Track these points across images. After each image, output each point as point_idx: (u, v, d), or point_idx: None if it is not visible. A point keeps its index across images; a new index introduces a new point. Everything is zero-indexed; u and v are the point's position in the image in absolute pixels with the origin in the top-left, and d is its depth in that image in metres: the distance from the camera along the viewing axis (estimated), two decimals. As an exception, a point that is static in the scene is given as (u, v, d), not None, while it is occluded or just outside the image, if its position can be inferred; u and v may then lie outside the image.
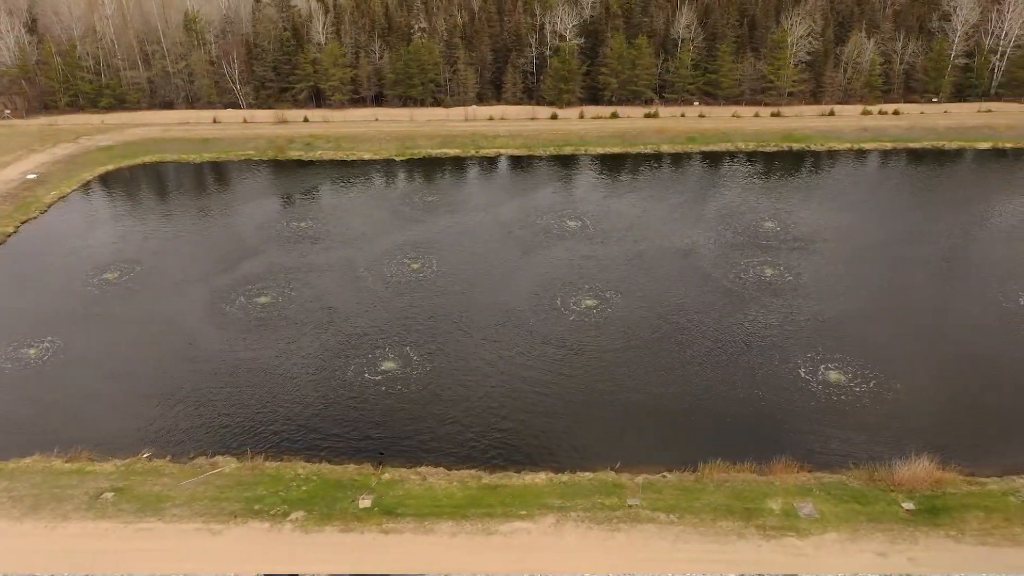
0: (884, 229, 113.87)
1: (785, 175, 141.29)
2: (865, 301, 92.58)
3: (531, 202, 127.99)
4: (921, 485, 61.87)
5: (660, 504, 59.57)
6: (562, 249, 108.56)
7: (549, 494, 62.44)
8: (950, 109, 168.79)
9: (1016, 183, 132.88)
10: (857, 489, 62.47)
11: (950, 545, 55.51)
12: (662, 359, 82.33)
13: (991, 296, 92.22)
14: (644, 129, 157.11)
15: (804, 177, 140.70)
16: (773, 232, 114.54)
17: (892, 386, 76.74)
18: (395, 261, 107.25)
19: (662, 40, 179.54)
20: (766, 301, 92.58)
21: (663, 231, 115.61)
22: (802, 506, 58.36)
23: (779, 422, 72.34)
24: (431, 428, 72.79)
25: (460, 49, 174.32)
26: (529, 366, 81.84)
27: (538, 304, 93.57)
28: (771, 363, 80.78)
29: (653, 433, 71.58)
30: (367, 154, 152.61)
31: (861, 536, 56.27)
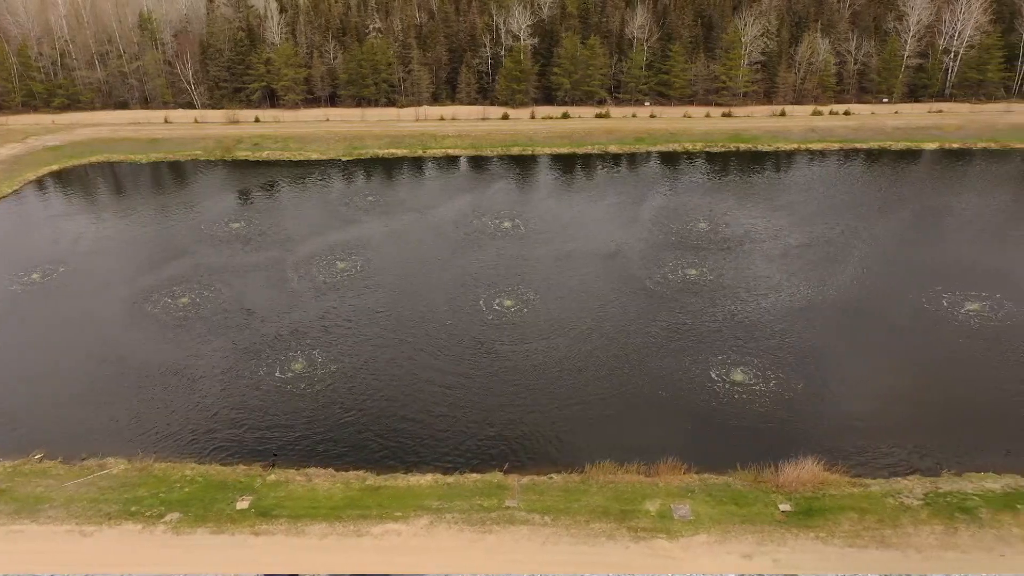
0: (816, 229, 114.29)
1: (727, 176, 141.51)
2: (784, 301, 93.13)
3: (470, 202, 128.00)
4: (805, 487, 61.31)
5: (538, 506, 59.21)
6: (492, 249, 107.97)
7: (430, 496, 61.80)
8: (901, 109, 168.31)
9: (954, 184, 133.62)
10: (739, 491, 61.89)
11: (817, 547, 55.39)
12: (570, 360, 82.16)
13: (913, 297, 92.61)
14: (594, 129, 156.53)
15: (746, 177, 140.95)
16: (705, 233, 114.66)
17: (793, 386, 75.99)
18: (323, 262, 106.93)
19: (617, 40, 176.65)
20: (685, 302, 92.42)
21: (596, 232, 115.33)
22: (678, 508, 58.12)
23: (677, 423, 72.38)
24: (329, 428, 72.66)
25: (414, 49, 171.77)
26: (437, 366, 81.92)
27: (458, 304, 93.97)
28: (680, 364, 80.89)
29: (551, 434, 71.64)
30: (314, 154, 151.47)
31: (731, 538, 55.91)
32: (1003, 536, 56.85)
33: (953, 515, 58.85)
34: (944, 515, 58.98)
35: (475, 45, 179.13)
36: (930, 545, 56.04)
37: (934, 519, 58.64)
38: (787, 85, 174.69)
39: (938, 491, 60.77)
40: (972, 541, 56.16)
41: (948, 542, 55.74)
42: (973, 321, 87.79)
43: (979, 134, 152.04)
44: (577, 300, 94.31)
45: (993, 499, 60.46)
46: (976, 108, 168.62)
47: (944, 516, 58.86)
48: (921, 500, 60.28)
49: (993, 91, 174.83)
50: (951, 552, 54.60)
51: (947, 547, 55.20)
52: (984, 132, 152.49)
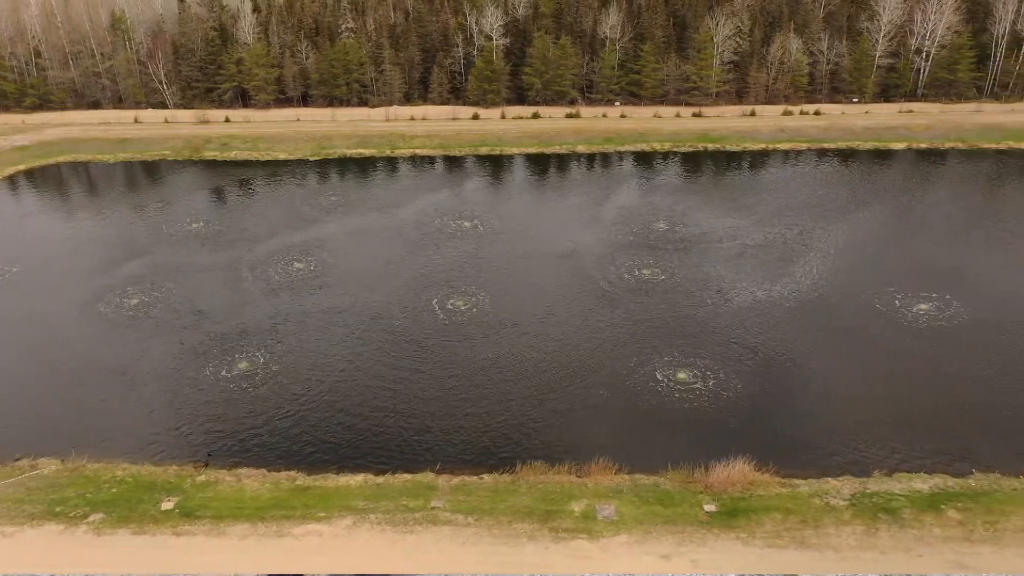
0: (774, 230, 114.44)
1: (692, 176, 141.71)
2: (735, 302, 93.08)
3: (433, 202, 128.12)
4: (734, 487, 61.44)
5: (464, 506, 59.27)
6: (449, 249, 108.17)
7: (358, 496, 61.86)
8: (872, 109, 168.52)
9: (917, 184, 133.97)
10: (668, 491, 62.07)
11: (737, 547, 55.39)
12: (515, 360, 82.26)
13: (866, 298, 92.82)
14: (563, 129, 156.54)
15: (710, 178, 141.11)
16: (663, 232, 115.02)
17: (733, 386, 75.98)
18: (280, 262, 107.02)
19: (590, 40, 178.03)
20: (636, 302, 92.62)
21: (555, 231, 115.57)
22: (603, 508, 58.06)
23: (615, 423, 72.43)
24: (267, 429, 72.82)
25: (386, 49, 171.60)
26: (382, 367, 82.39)
27: (410, 304, 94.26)
28: (626, 364, 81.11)
29: (488, 434, 71.65)
30: (282, 154, 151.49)
31: (651, 539, 55.94)
32: (923, 537, 56.83)
33: (876, 516, 58.75)
34: (867, 516, 58.95)
35: (448, 45, 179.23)
36: (849, 546, 55.95)
37: (856, 520, 58.54)
38: (759, 85, 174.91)
39: (865, 492, 60.58)
40: (891, 542, 55.98)
41: (867, 543, 55.76)
42: (921, 321, 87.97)
43: (947, 134, 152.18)
44: (528, 300, 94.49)
45: (919, 500, 60.50)
46: (947, 108, 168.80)
47: (867, 517, 58.78)
48: (847, 501, 59.98)
49: (964, 91, 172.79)
50: (869, 552, 54.60)
51: (866, 548, 55.21)
52: (952, 132, 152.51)
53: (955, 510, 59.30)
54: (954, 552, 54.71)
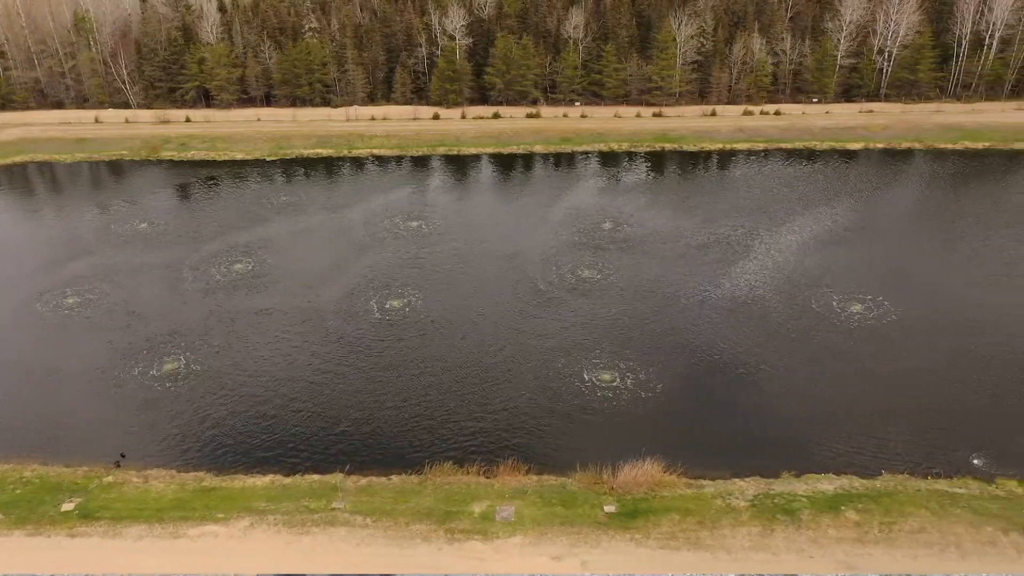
0: (720, 230, 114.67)
1: (646, 176, 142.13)
2: (671, 302, 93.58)
3: (384, 203, 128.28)
4: (640, 488, 61.68)
5: (365, 507, 59.24)
6: (393, 250, 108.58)
7: (261, 497, 61.94)
8: (833, 110, 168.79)
9: (867, 185, 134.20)
10: (572, 492, 62.16)
11: (630, 548, 55.50)
12: (442, 361, 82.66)
13: (802, 299, 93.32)
14: (522, 129, 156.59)
15: (663, 178, 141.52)
16: (609, 233, 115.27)
17: (654, 387, 76.01)
18: (222, 262, 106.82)
19: (554, 40, 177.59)
20: (573, 302, 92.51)
21: (501, 232, 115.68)
22: (503, 509, 58.17)
23: (535, 424, 72.81)
24: (184, 429, 72.87)
25: (349, 49, 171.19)
26: (308, 367, 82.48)
27: (346, 305, 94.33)
28: (554, 365, 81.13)
29: (406, 434, 71.95)
30: (240, 154, 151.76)
31: (546, 540, 56.07)
32: (817, 538, 57.01)
33: (775, 517, 58.81)
34: (765, 517, 58.99)
35: (411, 45, 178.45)
36: (742, 547, 56.03)
37: (754, 520, 58.53)
38: (721, 85, 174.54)
39: (769, 492, 60.66)
40: (785, 543, 56.24)
41: (761, 543, 55.87)
42: (853, 321, 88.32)
43: (905, 134, 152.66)
44: (464, 300, 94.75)
45: (821, 501, 60.59)
46: (907, 108, 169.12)
47: (765, 518, 58.84)
48: (749, 502, 60.22)
49: (926, 91, 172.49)
50: (762, 554, 54.70)
51: (759, 549, 55.31)
52: (910, 132, 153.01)
53: (854, 511, 59.30)
54: (845, 553, 54.91)
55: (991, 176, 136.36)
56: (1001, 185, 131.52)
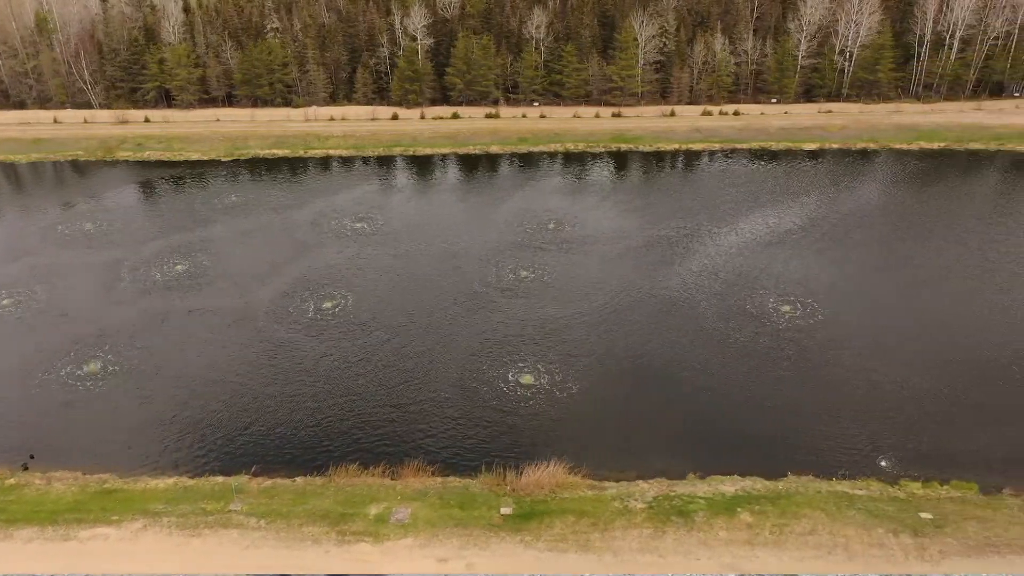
0: (663, 230, 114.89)
1: (598, 176, 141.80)
2: (605, 303, 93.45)
3: (332, 203, 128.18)
4: (542, 489, 61.65)
5: (262, 509, 59.07)
6: (335, 250, 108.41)
7: (160, 499, 61.94)
8: (792, 110, 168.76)
9: (816, 186, 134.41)
10: (473, 494, 62.35)
11: (518, 550, 55.49)
12: (366, 363, 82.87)
13: (736, 300, 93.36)
14: (479, 130, 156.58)
15: (616, 178, 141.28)
16: (553, 233, 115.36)
17: (571, 389, 76.08)
18: (163, 263, 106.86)
19: (517, 40, 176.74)
20: (505, 304, 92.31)
21: (444, 232, 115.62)
22: (399, 511, 58.23)
23: (450, 424, 73.29)
24: (97, 430, 72.85)
25: (310, 49, 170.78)
26: (230, 369, 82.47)
27: (280, 306, 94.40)
28: (479, 367, 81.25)
29: (321, 435, 72.15)
30: (195, 155, 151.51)
31: (436, 542, 56.25)
32: (707, 540, 57.11)
33: (669, 519, 58.92)
34: (660, 519, 59.11)
35: (373, 45, 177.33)
36: (631, 549, 56.03)
37: (648, 522, 58.67)
38: (682, 85, 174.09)
39: (669, 494, 60.77)
40: (674, 545, 56.32)
41: (650, 545, 55.90)
42: (781, 322, 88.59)
43: (861, 135, 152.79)
44: (397, 302, 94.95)
45: (719, 503, 60.76)
46: (866, 108, 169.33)
47: (659, 520, 58.99)
48: (647, 504, 60.41)
49: (887, 92, 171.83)
50: (648, 556, 54.80)
51: (647, 551, 55.32)
52: (866, 133, 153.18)
53: (750, 513, 59.33)
54: (732, 555, 54.81)
55: (941, 177, 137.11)
56: (948, 187, 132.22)
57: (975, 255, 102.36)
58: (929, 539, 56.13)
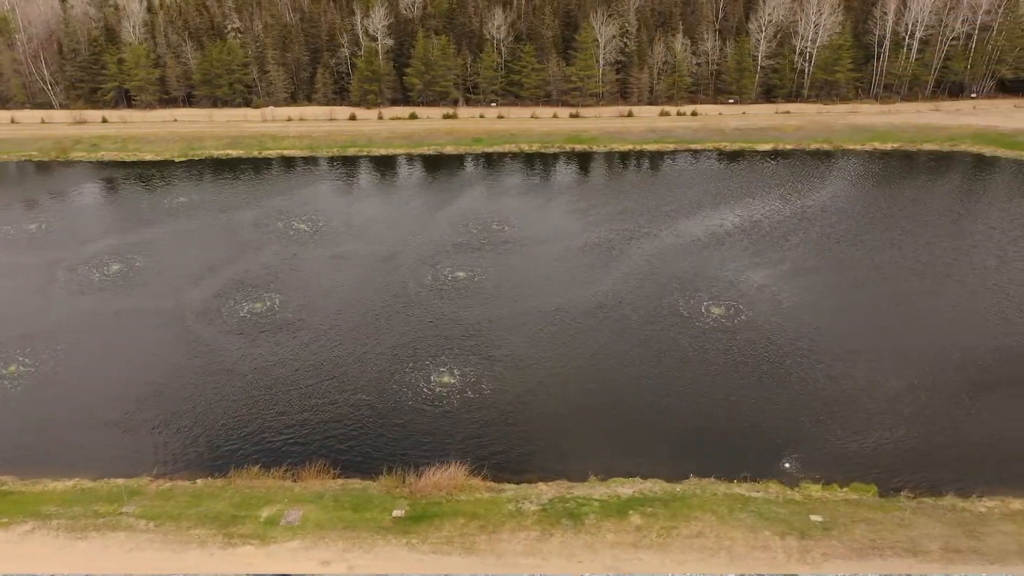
0: (604, 232, 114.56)
1: (549, 177, 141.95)
2: (535, 304, 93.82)
3: (279, 203, 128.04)
4: (440, 491, 61.89)
5: (154, 512, 59.10)
6: (274, 251, 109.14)
7: (54, 501, 62.05)
8: (751, 110, 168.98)
9: (764, 187, 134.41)
10: (370, 496, 62.54)
11: (402, 553, 56.14)
12: (285, 365, 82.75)
13: (665, 303, 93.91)
14: (436, 130, 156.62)
15: (566, 179, 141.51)
16: (495, 234, 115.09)
17: (489, 390, 76.68)
18: (101, 264, 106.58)
19: (478, 41, 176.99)
20: (436, 304, 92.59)
21: (386, 233, 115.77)
22: (290, 513, 58.05)
23: (362, 425, 73.26)
24: (5, 433, 72.98)
25: (270, 49, 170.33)
26: (150, 368, 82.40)
27: (211, 307, 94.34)
28: (402, 368, 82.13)
29: (228, 437, 71.97)
30: (149, 155, 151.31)
31: (322, 544, 56.59)
32: (592, 543, 57.28)
33: (559, 521, 58.88)
34: (550, 521, 59.07)
35: (333, 45, 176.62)
36: (515, 551, 56.12)
37: (537, 525, 58.65)
38: (642, 86, 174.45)
39: (565, 497, 60.68)
40: (559, 547, 56.51)
41: (534, 548, 56.11)
42: (709, 323, 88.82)
43: (815, 135, 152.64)
44: (328, 303, 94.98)
45: (612, 505, 60.91)
46: (824, 109, 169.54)
47: (549, 522, 58.94)
48: (541, 506, 60.28)
49: (846, 92, 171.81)
50: (531, 558, 54.76)
51: (531, 553, 55.35)
52: (820, 133, 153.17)
53: (640, 516, 59.59)
54: (615, 557, 54.87)
55: (888, 179, 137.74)
56: (892, 188, 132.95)
57: (908, 258, 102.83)
58: (815, 542, 55.67)
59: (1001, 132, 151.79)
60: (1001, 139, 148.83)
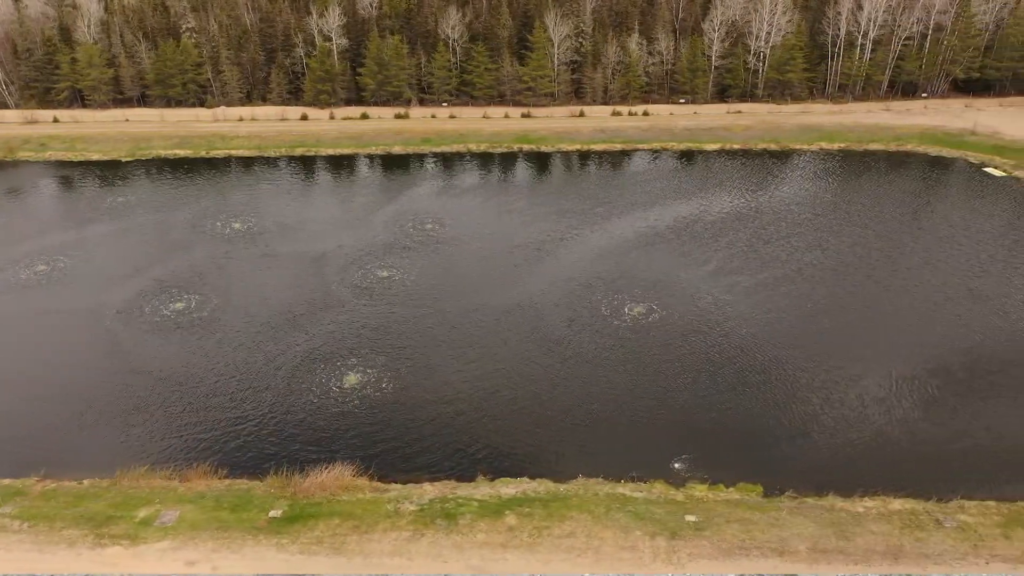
0: (536, 233, 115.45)
1: (492, 177, 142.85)
2: (453, 304, 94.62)
3: (218, 203, 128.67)
4: (323, 491, 62.33)
5: (31, 512, 59.74)
6: (205, 251, 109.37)
7: (-65, 504, 58.52)
8: (702, 110, 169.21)
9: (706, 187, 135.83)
10: (252, 496, 63.15)
11: (270, 553, 56.85)
12: (192, 366, 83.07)
13: (584, 304, 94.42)
14: (385, 130, 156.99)
15: (509, 179, 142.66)
16: (428, 234, 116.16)
17: (383, 389, 77.27)
18: (27, 264, 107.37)
19: (433, 41, 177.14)
20: (357, 304, 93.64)
21: (319, 233, 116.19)
22: (166, 514, 58.34)
23: (263, 425, 74.10)
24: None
25: (223, 49, 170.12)
26: (59, 367, 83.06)
27: (133, 306, 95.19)
28: (312, 368, 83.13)
29: (125, 437, 72.93)
30: (96, 155, 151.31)
31: (191, 545, 57.19)
32: (462, 543, 58.02)
33: (433, 521, 59.30)
34: (424, 521, 59.65)
35: (288, 45, 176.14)
36: (383, 551, 56.68)
37: (411, 525, 59.43)
38: (596, 86, 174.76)
39: (447, 497, 61.31)
40: (427, 547, 57.44)
41: (403, 548, 57.10)
42: (622, 325, 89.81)
43: (763, 135, 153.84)
44: (248, 302, 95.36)
45: (491, 505, 61.74)
46: (776, 109, 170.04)
47: (423, 522, 59.54)
48: (419, 506, 60.84)
49: (799, 92, 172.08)
50: (398, 559, 55.64)
51: (398, 553, 56.10)
52: (768, 133, 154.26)
53: (516, 516, 60.00)
54: (481, 558, 55.45)
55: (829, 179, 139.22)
56: (831, 189, 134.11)
57: (832, 259, 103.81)
58: (684, 542, 56.05)
59: (948, 132, 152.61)
60: (947, 139, 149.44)
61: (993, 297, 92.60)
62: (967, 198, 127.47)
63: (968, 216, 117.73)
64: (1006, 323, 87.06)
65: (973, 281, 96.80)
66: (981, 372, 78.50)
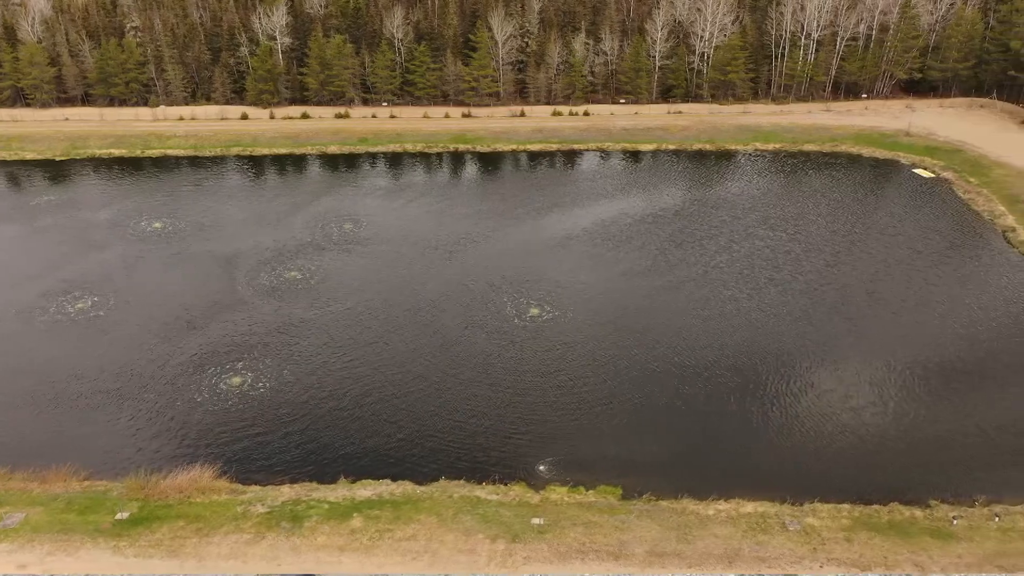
0: (447, 234, 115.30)
1: (421, 177, 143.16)
2: (349, 305, 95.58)
3: (142, 203, 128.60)
4: (179, 493, 62.57)
5: None
6: (119, 251, 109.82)
7: None
8: (643, 110, 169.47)
9: (631, 188, 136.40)
10: (105, 499, 63.02)
11: (105, 556, 57.21)
12: (88, 365, 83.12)
13: (488, 306, 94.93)
14: (323, 130, 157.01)
15: (437, 179, 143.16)
16: (345, 234, 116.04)
17: (259, 389, 77.89)
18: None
19: (377, 40, 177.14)
20: (259, 305, 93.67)
21: (235, 233, 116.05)
22: (11, 516, 58.81)
23: (136, 428, 73.93)
24: None
25: (166, 48, 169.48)
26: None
27: (36, 305, 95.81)
28: (202, 368, 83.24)
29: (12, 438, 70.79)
30: (31, 154, 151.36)
31: (28, 547, 57.44)
32: (300, 546, 58.89)
33: (278, 524, 59.75)
34: (269, 524, 60.26)
35: (233, 44, 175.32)
36: (218, 554, 58.28)
37: (255, 528, 60.02)
38: (539, 86, 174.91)
39: (300, 499, 61.56)
40: (265, 550, 58.59)
41: (240, 551, 58.27)
42: (518, 326, 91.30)
43: (699, 135, 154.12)
44: (150, 304, 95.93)
45: (341, 507, 62.43)
46: (716, 110, 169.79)
47: (267, 525, 60.14)
48: (269, 508, 61.45)
49: (743, 93, 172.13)
50: (232, 561, 56.04)
51: (233, 556, 57.55)
52: (705, 134, 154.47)
53: (363, 518, 60.41)
54: (317, 560, 56.75)
55: (753, 180, 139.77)
56: (753, 190, 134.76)
57: (740, 261, 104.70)
58: (523, 545, 56.21)
59: (883, 132, 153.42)
60: (880, 140, 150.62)
61: (891, 300, 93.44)
62: (890, 200, 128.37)
63: (886, 219, 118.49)
64: (904, 329, 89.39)
65: (873, 284, 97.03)
66: (865, 374, 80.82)
